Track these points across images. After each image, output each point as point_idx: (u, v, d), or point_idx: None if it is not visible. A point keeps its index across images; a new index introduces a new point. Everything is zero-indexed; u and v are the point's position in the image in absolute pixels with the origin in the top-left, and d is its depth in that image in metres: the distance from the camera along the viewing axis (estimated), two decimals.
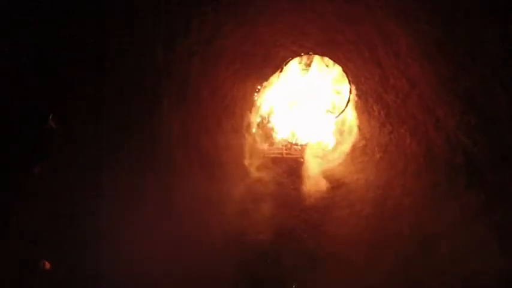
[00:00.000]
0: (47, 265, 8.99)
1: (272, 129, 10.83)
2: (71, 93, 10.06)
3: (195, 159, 10.26)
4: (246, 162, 10.45)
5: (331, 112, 10.48)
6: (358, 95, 10.49)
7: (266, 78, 10.64)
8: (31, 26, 10.20)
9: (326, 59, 10.45)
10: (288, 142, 10.74)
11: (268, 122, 10.83)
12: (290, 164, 10.57)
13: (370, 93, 10.74)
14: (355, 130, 10.60)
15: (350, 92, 10.07)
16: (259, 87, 10.74)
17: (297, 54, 10.60)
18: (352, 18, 11.42)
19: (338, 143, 10.68)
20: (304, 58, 10.56)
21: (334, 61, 10.51)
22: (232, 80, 10.89)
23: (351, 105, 10.39)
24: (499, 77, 10.16)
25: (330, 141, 10.73)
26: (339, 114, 10.21)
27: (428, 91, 10.70)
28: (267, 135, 10.80)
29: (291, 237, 10.12)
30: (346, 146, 10.56)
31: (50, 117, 9.92)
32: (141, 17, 11.05)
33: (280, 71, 10.33)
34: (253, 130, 10.76)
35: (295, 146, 10.71)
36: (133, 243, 9.10)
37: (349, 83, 10.11)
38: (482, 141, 10.16)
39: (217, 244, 9.78)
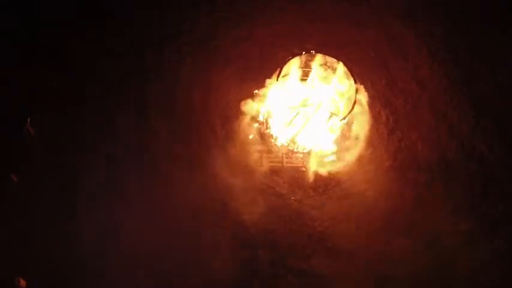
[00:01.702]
0: (23, 283, 8.53)
1: (271, 136, 9.96)
2: (53, 97, 9.73)
3: (186, 169, 9.56)
4: (243, 172, 9.62)
5: (336, 115, 9.62)
6: (365, 99, 9.74)
7: (264, 80, 9.85)
8: (13, 27, 9.98)
9: (329, 58, 9.64)
10: (289, 150, 9.87)
11: (267, 128, 9.96)
12: (291, 174, 9.75)
13: (377, 97, 10.10)
14: (362, 137, 9.82)
15: (356, 93, 9.25)
16: (256, 90, 9.93)
17: (298, 55, 9.84)
18: (355, 19, 10.89)
19: (343, 151, 9.83)
20: (305, 57, 9.74)
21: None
22: (227, 83, 10.29)
23: (357, 109, 9.58)
24: None
25: (334, 149, 9.87)
26: (345, 117, 9.37)
27: (439, 95, 10.26)
28: (266, 143, 9.93)
29: (292, 255, 9.26)
30: (352, 154, 9.75)
31: (28, 121, 9.42)
32: (128, 17, 10.72)
33: (279, 72, 9.50)
34: (250, 137, 9.90)
35: (297, 154, 9.84)
36: (117, 245, 8.78)
37: (355, 83, 9.29)
38: (499, 148, 9.85)
39: (209, 260, 8.99)
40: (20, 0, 10.14)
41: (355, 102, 9.28)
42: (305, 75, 10.03)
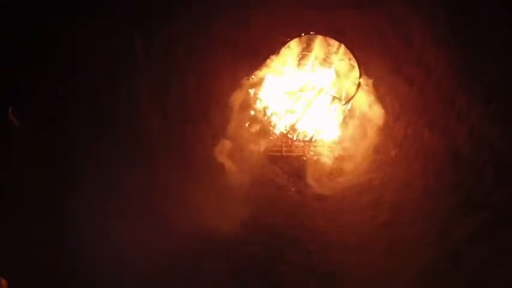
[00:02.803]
0: (3, 282, 8.02)
1: (269, 123, 9.39)
2: (41, 86, 9.12)
3: (179, 160, 9.06)
4: (239, 162, 9.09)
5: (338, 99, 9.06)
6: (368, 85, 9.21)
7: (260, 65, 9.33)
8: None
9: (330, 40, 9.10)
10: (288, 138, 9.32)
11: (265, 115, 9.39)
12: (291, 164, 9.22)
13: (381, 83, 9.45)
14: (366, 124, 9.23)
15: (360, 76, 8.70)
16: (252, 76, 9.38)
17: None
18: (356, 2, 10.05)
19: (346, 139, 9.28)
20: (305, 40, 9.19)
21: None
22: (222, 69, 9.57)
23: (361, 95, 9.05)
24: None
25: (337, 137, 9.31)
26: (348, 101, 8.82)
27: (446, 80, 9.55)
28: (264, 131, 9.35)
29: (293, 250, 8.79)
30: (356, 142, 9.20)
31: (10, 110, 8.91)
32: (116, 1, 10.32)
33: (277, 55, 8.95)
34: (247, 125, 9.33)
35: (296, 143, 9.30)
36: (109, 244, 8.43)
37: (358, 66, 8.75)
38: (510, 135, 9.21)
39: (204, 254, 8.60)
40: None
41: (358, 86, 8.75)
42: (304, 59, 9.47)
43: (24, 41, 9.30)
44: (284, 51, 9.11)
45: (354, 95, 8.75)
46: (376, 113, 9.27)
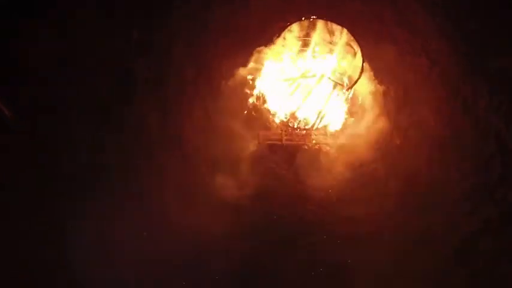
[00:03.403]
0: None
1: (268, 111, 9.04)
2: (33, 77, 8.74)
3: (177, 151, 8.68)
4: (237, 151, 8.71)
5: (341, 85, 8.70)
6: (372, 72, 8.92)
7: (260, 51, 9.00)
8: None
9: (332, 24, 8.75)
10: (288, 126, 8.97)
11: (264, 102, 9.03)
12: (291, 153, 8.84)
13: (385, 71, 9.18)
14: (370, 111, 8.93)
15: (363, 62, 8.36)
16: (252, 63, 9.04)
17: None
18: None
19: (349, 127, 8.96)
20: (306, 24, 8.84)
21: None
22: (221, 56, 9.29)
23: (363, 82, 8.71)
24: None
25: (339, 125, 8.98)
26: (351, 87, 8.48)
27: (451, 69, 9.29)
28: (263, 119, 9.02)
29: (295, 243, 8.36)
30: (359, 130, 8.86)
31: None
32: None
33: (277, 40, 8.61)
34: (245, 113, 8.97)
35: (297, 131, 8.94)
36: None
37: (361, 51, 8.40)
38: None
39: (202, 248, 8.16)
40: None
41: (361, 71, 8.40)
42: (305, 45, 9.15)
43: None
44: (284, 36, 8.76)
45: (357, 80, 8.39)
46: (379, 100, 8.98)
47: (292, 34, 8.95)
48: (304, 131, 8.91)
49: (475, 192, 8.62)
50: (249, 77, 9.02)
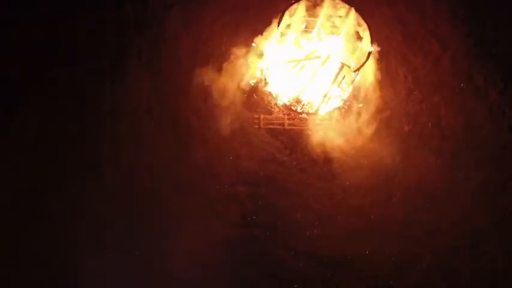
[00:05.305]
0: None
1: (270, 94, 8.62)
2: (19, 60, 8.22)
3: (172, 135, 8.28)
4: (237, 137, 8.33)
5: (348, 66, 8.23)
6: (380, 56, 8.45)
7: (262, 31, 8.56)
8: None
9: (339, 2, 8.30)
10: (291, 110, 8.56)
11: (266, 84, 8.59)
12: (293, 138, 8.45)
13: (393, 54, 8.78)
14: (377, 97, 8.49)
15: (372, 42, 7.91)
16: (253, 43, 8.61)
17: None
18: None
19: (355, 113, 8.54)
20: (311, 2, 8.37)
21: None
22: (220, 35, 8.87)
23: (371, 65, 8.27)
24: None
25: (345, 110, 8.59)
26: (359, 69, 8.05)
27: (463, 55, 8.86)
28: (264, 102, 8.61)
29: (296, 235, 8.00)
30: (366, 117, 8.44)
31: None
32: None
33: (280, 20, 8.12)
34: (246, 96, 8.54)
35: (301, 115, 8.54)
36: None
37: (370, 32, 7.99)
38: None
39: (201, 242, 7.77)
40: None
41: (369, 53, 7.97)
42: (311, 26, 8.68)
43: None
44: (288, 15, 8.30)
45: (365, 62, 7.98)
46: (387, 85, 8.54)
47: (297, 13, 8.47)
48: (307, 116, 8.52)
49: (488, 182, 8.24)
50: (251, 58, 8.58)
